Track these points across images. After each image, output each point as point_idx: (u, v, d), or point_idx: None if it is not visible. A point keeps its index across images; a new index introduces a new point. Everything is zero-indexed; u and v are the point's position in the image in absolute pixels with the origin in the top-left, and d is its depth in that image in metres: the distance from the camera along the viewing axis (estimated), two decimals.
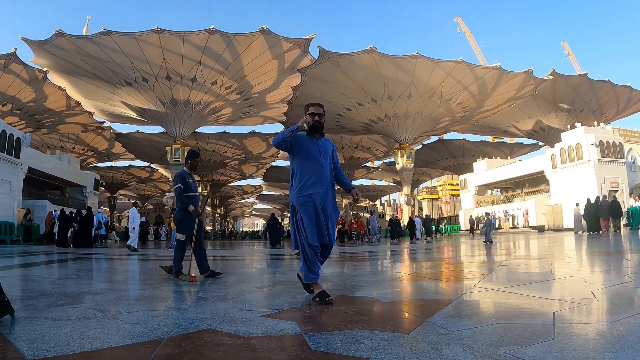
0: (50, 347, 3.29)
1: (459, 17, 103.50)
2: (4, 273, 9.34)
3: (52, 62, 43.27)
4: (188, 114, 48.37)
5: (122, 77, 44.01)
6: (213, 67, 42.86)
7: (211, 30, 38.65)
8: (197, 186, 9.10)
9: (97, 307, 5.07)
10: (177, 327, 3.93)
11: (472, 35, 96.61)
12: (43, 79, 46.09)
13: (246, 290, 6.52)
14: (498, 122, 61.16)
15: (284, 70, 45.28)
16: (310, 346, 3.26)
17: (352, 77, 44.46)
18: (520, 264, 10.04)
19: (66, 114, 54.38)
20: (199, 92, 45.91)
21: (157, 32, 38.44)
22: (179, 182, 8.64)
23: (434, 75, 43.41)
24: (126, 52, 40.50)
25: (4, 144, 33.36)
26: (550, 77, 48.04)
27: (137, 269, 11.71)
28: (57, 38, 39.15)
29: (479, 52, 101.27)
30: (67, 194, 49.64)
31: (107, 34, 38.55)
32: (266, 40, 40.23)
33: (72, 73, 44.82)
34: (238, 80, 45.59)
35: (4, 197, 33.54)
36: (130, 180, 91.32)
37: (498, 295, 5.50)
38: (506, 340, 3.23)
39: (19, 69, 44.02)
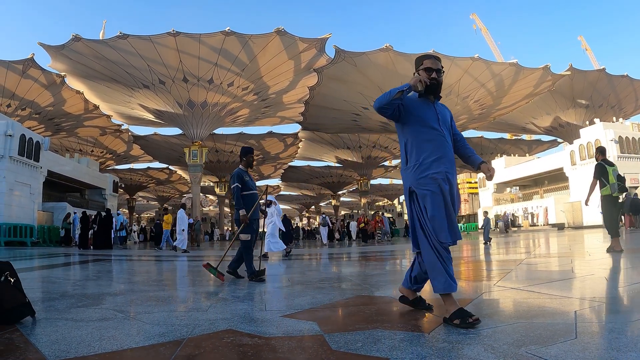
0: (71, 348, 3.32)
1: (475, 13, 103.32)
2: (25, 275, 9.41)
3: (69, 66, 43.58)
4: (205, 116, 48.48)
5: (139, 80, 44.21)
6: (229, 68, 42.93)
7: (227, 32, 38.73)
8: (255, 184, 8.87)
9: (117, 308, 5.12)
10: (197, 328, 3.94)
11: (488, 31, 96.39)
12: (61, 83, 46.47)
13: (265, 291, 6.55)
14: (516, 119, 60.75)
15: (300, 71, 45.26)
16: (331, 346, 3.26)
17: (368, 76, 44.35)
18: (540, 263, 9.98)
19: (84, 117, 54.78)
20: (216, 93, 45.99)
21: (173, 35, 38.58)
22: (235, 181, 8.40)
23: (451, 73, 43.15)
24: (143, 55, 40.69)
25: (23, 148, 33.63)
26: (568, 72, 47.65)
27: (156, 270, 11.74)
28: (74, 43, 39.42)
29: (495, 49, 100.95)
30: (86, 196, 49.95)
31: (123, 37, 38.76)
32: (282, 40, 40.24)
33: (90, 77, 45.11)
34: (255, 81, 45.63)
35: (24, 200, 33.83)
36: (149, 182, 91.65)
37: (518, 294, 5.47)
38: (527, 339, 3.21)
39: (37, 74, 44.45)
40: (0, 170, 31.94)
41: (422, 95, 4.52)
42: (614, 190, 10.99)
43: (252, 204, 8.40)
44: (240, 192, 8.32)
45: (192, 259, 16.16)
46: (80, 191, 49.93)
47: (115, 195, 54.38)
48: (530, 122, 61.72)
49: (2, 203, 31.35)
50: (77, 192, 49.48)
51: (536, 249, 14.84)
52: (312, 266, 11.09)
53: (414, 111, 4.44)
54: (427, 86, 4.40)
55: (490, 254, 14.33)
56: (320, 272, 10.36)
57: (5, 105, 47.26)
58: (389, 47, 40.28)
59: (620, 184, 11.05)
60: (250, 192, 8.48)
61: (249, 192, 8.46)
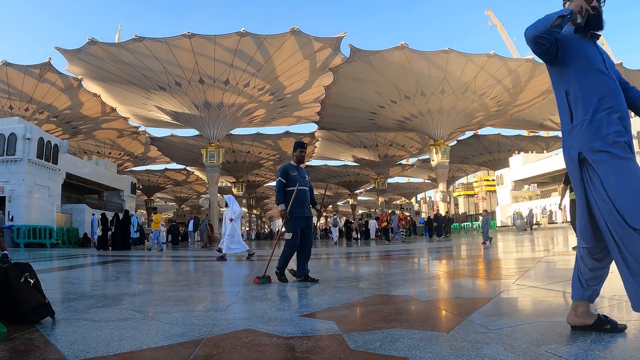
0: (90, 348, 3.33)
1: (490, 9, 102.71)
2: (44, 276, 9.46)
3: (86, 69, 43.89)
4: (222, 117, 48.61)
5: (156, 82, 44.42)
6: (245, 69, 43.02)
7: (242, 33, 38.81)
8: (304, 179, 8.15)
9: (136, 308, 5.14)
10: (216, 328, 3.94)
11: (503, 27, 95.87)
12: (78, 87, 46.84)
13: (284, 290, 6.53)
14: (533, 116, 60.29)
15: (316, 70, 45.27)
16: (350, 346, 3.24)
17: (384, 75, 44.30)
18: (559, 260, 9.90)
19: (102, 120, 55.18)
20: (232, 94, 46.10)
21: (188, 37, 38.74)
22: (280, 175, 8.00)
23: (467, 70, 43.03)
24: (159, 57, 40.89)
25: (42, 151, 33.89)
26: None
27: (174, 270, 11.78)
28: (90, 46, 39.72)
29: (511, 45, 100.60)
30: (104, 197, 50.25)
31: (139, 40, 38.98)
32: (297, 40, 40.26)
33: (106, 80, 45.40)
34: (270, 82, 45.70)
35: (44, 202, 34.09)
36: (167, 183, 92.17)
37: (537, 292, 5.43)
38: (547, 338, 3.18)
39: (54, 78, 44.87)
40: (19, 173, 32.24)
41: (579, 31, 3.41)
42: None
43: (297, 201, 7.83)
44: (284, 187, 7.93)
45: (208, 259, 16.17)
46: (99, 193, 50.24)
47: (133, 197, 54.67)
48: (548, 119, 61.21)
49: (22, 205, 31.62)
50: (95, 193, 49.80)
51: (555, 247, 14.73)
52: (329, 265, 11.08)
53: (575, 48, 3.33)
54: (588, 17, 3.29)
55: (509, 251, 14.24)
56: (338, 272, 10.34)
57: (23, 109, 47.70)
58: (404, 45, 40.22)
59: None
60: (293, 188, 7.86)
61: (290, 188, 7.89)
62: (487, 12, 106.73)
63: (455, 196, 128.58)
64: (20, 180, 32.20)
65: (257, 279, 7.56)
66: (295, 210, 7.82)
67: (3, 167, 32.54)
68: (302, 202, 7.92)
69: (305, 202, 8.02)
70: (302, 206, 7.93)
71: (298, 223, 7.84)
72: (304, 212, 7.92)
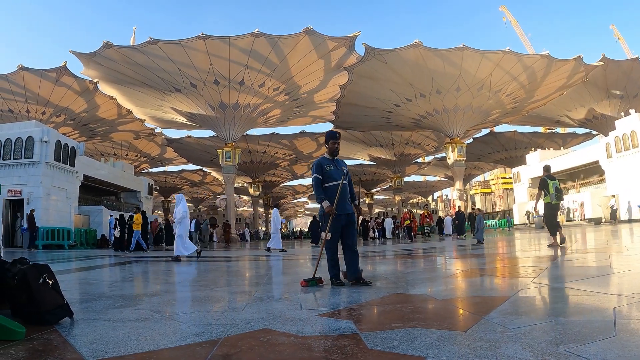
0: (108, 348, 3.36)
1: (504, 6, 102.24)
2: (63, 277, 9.53)
3: (101, 72, 44.18)
4: (237, 117, 48.72)
5: (171, 84, 44.61)
6: (260, 69, 43.09)
7: (256, 34, 38.88)
8: (341, 172, 7.29)
9: (153, 308, 5.17)
10: (233, 327, 3.95)
11: (518, 23, 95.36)
12: (94, 90, 47.16)
13: (301, 290, 6.52)
14: (549, 112, 59.97)
15: (330, 69, 45.26)
16: (367, 345, 3.24)
17: (399, 73, 44.22)
18: (577, 258, 9.82)
19: (118, 122, 55.53)
20: (247, 95, 46.19)
21: (202, 38, 38.87)
22: (314, 172, 7.26)
23: (482, 67, 42.84)
24: (173, 59, 41.05)
25: (59, 153, 34.11)
26: (601, 63, 46.89)
27: (191, 271, 11.79)
28: (105, 49, 39.97)
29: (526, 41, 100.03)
30: (121, 199, 50.47)
31: (153, 42, 39.15)
32: (311, 40, 40.27)
33: (122, 82, 45.67)
34: (285, 82, 45.75)
35: (61, 204, 34.31)
36: (183, 184, 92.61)
37: (555, 291, 5.40)
38: (566, 337, 3.15)
39: (70, 81, 45.21)
40: (37, 176, 32.49)
41: None
42: (553, 199, 14.18)
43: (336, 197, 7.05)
44: (321, 183, 7.20)
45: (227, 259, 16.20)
46: (116, 194, 50.47)
47: (150, 198, 54.87)
48: (564, 115, 60.89)
49: (40, 207, 31.84)
50: (112, 195, 50.04)
51: (573, 245, 14.63)
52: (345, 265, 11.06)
53: None
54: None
55: (526, 250, 14.17)
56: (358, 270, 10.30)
57: (40, 112, 48.10)
58: (418, 43, 40.11)
59: (557, 194, 14.21)
60: (333, 184, 7.14)
61: (330, 183, 7.17)
62: (501, 8, 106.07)
63: (472, 194, 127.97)
64: (38, 182, 32.45)
65: (305, 282, 6.89)
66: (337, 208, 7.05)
67: (21, 170, 32.82)
68: (341, 198, 7.14)
69: (346, 197, 7.26)
70: (341, 202, 7.13)
71: (338, 221, 7.09)
72: (344, 209, 7.16)
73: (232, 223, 51.89)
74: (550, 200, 14.24)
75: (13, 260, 4.59)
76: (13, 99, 46.99)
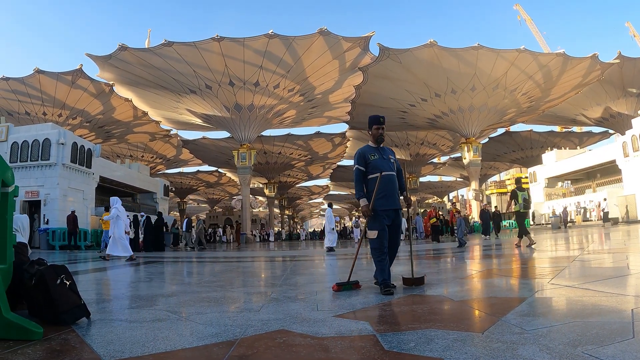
0: (125, 349, 3.39)
1: (518, 4, 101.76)
2: (79, 277, 9.59)
3: (117, 75, 44.45)
4: (253, 118, 48.84)
5: (186, 85, 44.79)
6: (275, 70, 43.17)
7: (270, 35, 38.94)
8: (389, 162, 6.50)
9: (170, 309, 5.20)
10: (250, 328, 3.97)
11: (532, 22, 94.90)
12: (110, 92, 47.50)
13: (317, 291, 6.52)
14: (565, 111, 59.60)
15: (345, 70, 45.24)
16: (384, 346, 3.24)
17: (414, 73, 44.12)
18: (594, 259, 9.74)
19: (134, 124, 55.85)
20: (262, 96, 46.30)
21: (217, 40, 38.99)
22: (356, 162, 6.53)
23: (497, 66, 42.64)
24: (188, 61, 41.22)
25: (75, 155, 34.34)
26: (617, 60, 46.49)
27: (207, 271, 11.81)
28: (120, 52, 40.23)
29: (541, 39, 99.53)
30: (138, 200, 50.70)
31: (168, 45, 39.33)
32: (325, 40, 40.27)
33: (137, 84, 45.92)
34: (300, 82, 45.79)
35: (78, 205, 34.51)
36: (199, 185, 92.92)
37: (573, 292, 5.35)
38: (583, 339, 3.14)
39: (86, 84, 45.57)
40: (54, 177, 32.74)
41: None
42: (521, 207, 17.00)
43: (381, 190, 6.26)
44: (363, 175, 6.45)
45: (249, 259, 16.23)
46: (132, 195, 50.72)
47: (166, 199, 55.10)
48: (581, 114, 60.46)
49: (57, 209, 32.09)
50: (128, 196, 50.26)
51: (590, 245, 14.54)
52: (362, 265, 11.04)
53: None
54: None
55: (543, 250, 14.09)
56: (370, 271, 10.28)
57: (56, 114, 48.50)
58: (433, 43, 39.99)
59: (525, 204, 16.99)
60: (376, 175, 6.27)
61: (373, 175, 6.32)
62: (515, 6, 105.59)
63: (487, 194, 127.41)
64: (55, 184, 32.70)
65: (338, 287, 6.29)
66: (380, 202, 6.27)
67: (38, 171, 33.09)
68: (388, 192, 6.32)
69: (393, 190, 6.39)
70: (389, 196, 6.32)
71: (384, 218, 6.27)
72: (391, 204, 6.32)
73: (247, 224, 52.03)
74: (519, 209, 17.17)
75: (31, 261, 4.63)
76: (30, 101, 47.42)
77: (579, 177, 61.85)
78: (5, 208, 4.00)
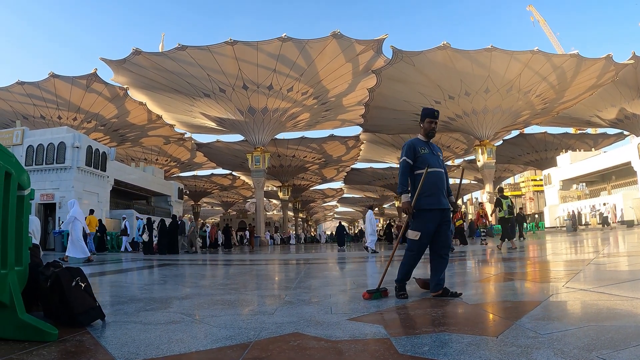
0: (140, 351, 3.40)
1: (531, 5, 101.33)
2: (94, 279, 9.63)
3: (131, 79, 44.76)
4: (266, 122, 48.98)
5: (200, 89, 44.99)
6: (288, 74, 43.28)
7: (283, 38, 39.04)
8: (438, 158, 6.05)
9: (184, 311, 5.21)
10: (264, 331, 3.97)
11: (546, 23, 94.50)
12: (124, 96, 47.83)
13: (331, 294, 6.51)
14: (580, 113, 59.19)
15: (358, 73, 45.26)
16: (398, 350, 3.23)
17: (427, 75, 44.05)
18: (609, 262, 9.67)
19: (148, 127, 56.13)
20: (276, 99, 46.43)
21: (230, 44, 39.13)
22: (404, 153, 5.95)
23: (511, 68, 42.46)
24: (202, 65, 41.41)
25: (90, 158, 34.61)
26: (631, 61, 46.09)
27: (221, 274, 11.84)
28: (134, 56, 40.54)
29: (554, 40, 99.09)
30: (152, 203, 50.93)
31: (182, 49, 39.55)
32: (339, 43, 40.32)
33: (152, 88, 46.18)
34: (314, 86, 45.85)
35: (93, 208, 34.78)
36: (213, 188, 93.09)
37: (588, 295, 5.31)
38: (598, 343, 3.13)
39: (100, 88, 45.89)
40: (69, 180, 33.03)
41: None
42: (506, 214, 18.19)
43: (428, 188, 5.77)
44: (409, 169, 5.91)
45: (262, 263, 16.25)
46: (147, 198, 50.94)
47: (180, 202, 55.30)
48: (595, 115, 60.02)
49: None
50: (143, 199, 50.51)
51: (604, 249, 14.44)
52: (375, 268, 11.01)
53: None
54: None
55: (558, 253, 14.02)
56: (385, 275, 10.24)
57: (71, 118, 48.85)
58: (446, 45, 39.91)
59: (509, 210, 18.24)
60: (422, 171, 5.75)
61: (419, 171, 5.81)
62: (529, 7, 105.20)
63: None
64: (70, 187, 32.97)
65: (369, 294, 5.81)
66: (426, 200, 5.78)
67: (53, 174, 33.39)
68: (436, 190, 5.85)
69: (441, 189, 5.92)
70: (436, 195, 5.83)
71: (430, 218, 5.77)
72: (438, 203, 5.82)
73: (261, 227, 52.07)
74: (504, 215, 18.29)
75: (47, 263, 4.66)
76: (45, 105, 47.78)
77: (593, 180, 61.38)
78: (22, 211, 4.03)
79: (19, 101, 47.44)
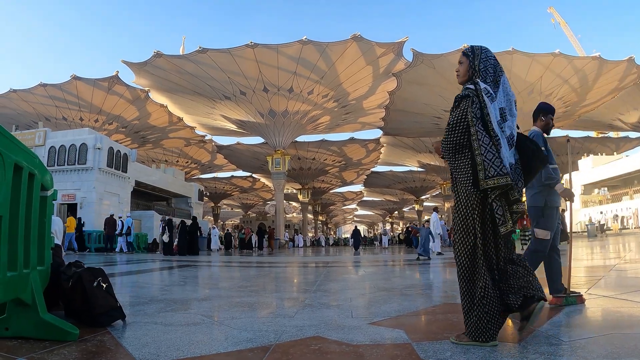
0: (160, 352, 3.40)
1: (552, 7, 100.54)
2: (115, 280, 9.67)
3: (152, 81, 45.06)
4: (287, 124, 49.07)
5: (221, 91, 45.17)
6: (309, 76, 43.31)
7: (304, 41, 39.09)
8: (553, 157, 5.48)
9: (204, 313, 5.21)
10: (285, 334, 3.96)
11: (567, 25, 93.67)
12: (145, 98, 48.15)
13: (351, 297, 6.49)
14: (601, 116, 58.55)
15: (379, 76, 45.18)
16: (419, 355, 3.21)
17: (448, 78, 43.77)
18: (631, 269, 9.57)
19: (169, 129, 56.45)
20: (297, 102, 46.51)
21: (251, 47, 39.25)
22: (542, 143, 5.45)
23: (532, 70, 42.14)
24: (223, 67, 41.57)
25: (111, 160, 34.86)
26: None
27: (239, 276, 11.84)
28: (155, 59, 40.80)
29: (576, 43, 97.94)
30: (172, 204, 51.14)
31: (203, 51, 39.73)
32: (359, 46, 40.28)
33: (173, 90, 46.44)
34: (334, 88, 45.85)
35: (114, 209, 34.89)
36: (233, 190, 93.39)
37: (610, 302, 5.26)
38: (622, 351, 3.09)
39: (122, 90, 46.23)
40: (90, 181, 33.29)
41: None
42: None
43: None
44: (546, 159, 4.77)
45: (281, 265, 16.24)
46: (167, 200, 51.16)
47: (200, 203, 55.49)
48: (617, 119, 59.38)
49: (93, 212, 32.59)
50: (163, 200, 50.73)
51: (627, 254, 14.27)
52: (395, 272, 10.98)
53: None
54: None
55: (579, 259, 13.88)
56: (404, 279, 10.23)
57: (93, 120, 49.26)
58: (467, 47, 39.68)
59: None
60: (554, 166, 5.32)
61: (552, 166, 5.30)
62: (549, 9, 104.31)
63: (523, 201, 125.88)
64: (91, 187, 33.24)
65: (559, 299, 5.24)
66: (554, 198, 5.32)
67: (75, 175, 33.66)
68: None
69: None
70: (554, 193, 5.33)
71: (555, 217, 5.35)
72: (554, 200, 5.34)
73: (281, 229, 52.12)
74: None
75: (68, 263, 4.69)
76: (67, 107, 48.24)
77: (616, 184, 60.78)
78: (45, 211, 4.06)
79: (41, 103, 47.96)
